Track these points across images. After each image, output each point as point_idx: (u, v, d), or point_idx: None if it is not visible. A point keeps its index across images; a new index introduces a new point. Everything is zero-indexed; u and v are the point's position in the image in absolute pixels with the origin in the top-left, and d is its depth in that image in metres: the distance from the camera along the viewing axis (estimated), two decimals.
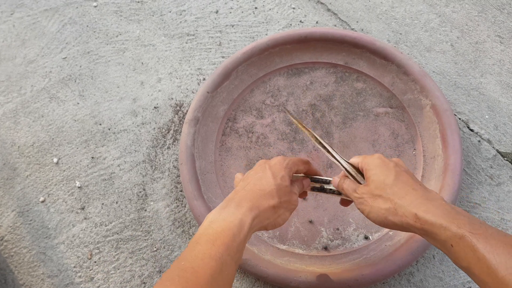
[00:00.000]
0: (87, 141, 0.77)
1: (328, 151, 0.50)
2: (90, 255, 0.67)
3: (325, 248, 0.63)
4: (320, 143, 0.51)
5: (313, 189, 0.53)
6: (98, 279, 0.65)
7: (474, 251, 0.34)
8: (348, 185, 0.48)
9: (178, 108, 0.80)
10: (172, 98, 0.81)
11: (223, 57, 0.85)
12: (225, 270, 0.37)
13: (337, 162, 0.49)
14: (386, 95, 0.75)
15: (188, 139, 0.69)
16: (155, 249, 0.67)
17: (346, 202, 0.54)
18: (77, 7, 0.94)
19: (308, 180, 0.53)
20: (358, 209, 0.46)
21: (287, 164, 0.49)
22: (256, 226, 0.43)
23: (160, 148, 0.76)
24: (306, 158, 0.52)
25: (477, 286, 0.61)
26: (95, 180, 0.73)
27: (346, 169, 0.49)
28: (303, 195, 0.55)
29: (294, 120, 0.53)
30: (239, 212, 0.42)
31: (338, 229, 0.65)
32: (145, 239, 0.68)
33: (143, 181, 0.72)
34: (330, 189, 0.53)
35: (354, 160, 0.49)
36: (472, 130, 0.74)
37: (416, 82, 0.71)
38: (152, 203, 0.71)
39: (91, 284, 0.65)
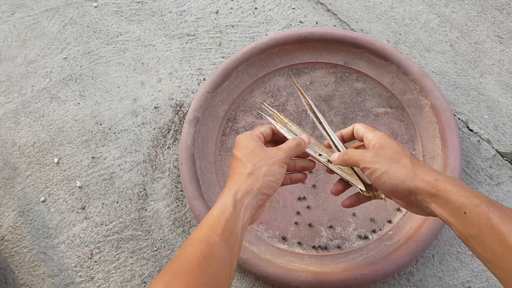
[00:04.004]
0: (88, 141, 0.77)
1: (320, 122, 0.54)
2: (91, 254, 0.67)
3: (325, 248, 0.63)
4: (314, 112, 0.55)
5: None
6: (99, 279, 0.65)
7: (488, 218, 0.35)
8: (359, 151, 0.46)
9: (178, 108, 0.80)
10: (173, 98, 0.81)
11: (223, 57, 0.85)
12: (216, 250, 0.39)
13: (326, 135, 0.53)
14: (385, 95, 0.75)
15: (188, 139, 0.69)
16: (155, 248, 0.67)
17: (340, 188, 0.53)
18: (77, 8, 0.94)
19: (310, 162, 0.53)
20: (367, 169, 0.44)
21: (244, 136, 0.49)
22: (245, 198, 0.43)
23: (161, 148, 0.76)
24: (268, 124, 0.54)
25: (477, 286, 0.61)
26: (96, 180, 0.73)
27: (334, 143, 0.52)
28: (304, 169, 0.54)
29: (296, 85, 0.57)
30: (221, 197, 0.44)
31: (337, 229, 0.65)
32: (145, 239, 0.68)
33: (143, 181, 0.73)
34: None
35: (357, 127, 0.50)
36: (471, 130, 0.74)
37: (415, 82, 0.71)
38: (152, 202, 0.71)
39: (91, 284, 0.65)
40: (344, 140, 0.54)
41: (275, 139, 0.54)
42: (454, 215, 0.38)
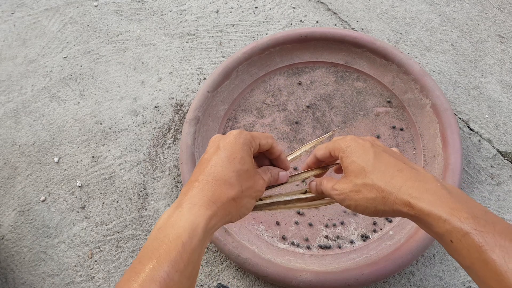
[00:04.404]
0: (88, 141, 0.77)
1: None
2: (91, 254, 0.67)
3: (326, 247, 0.63)
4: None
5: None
6: (99, 278, 0.65)
7: (480, 252, 0.29)
8: (325, 186, 0.42)
9: (178, 107, 0.80)
10: (173, 98, 0.81)
11: (223, 56, 0.85)
12: None
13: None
14: (386, 95, 0.75)
15: (188, 139, 0.69)
16: None
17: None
18: (77, 7, 0.94)
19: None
20: (344, 206, 0.41)
21: (244, 140, 0.39)
22: (216, 226, 0.35)
23: (161, 147, 0.76)
24: (269, 134, 0.43)
25: (477, 286, 0.61)
26: (96, 179, 0.73)
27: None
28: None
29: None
30: (191, 213, 0.34)
31: (338, 228, 0.65)
32: (145, 239, 0.68)
33: (143, 180, 0.73)
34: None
35: (320, 152, 0.44)
36: (472, 130, 0.74)
37: (416, 82, 0.71)
38: (152, 202, 0.71)
39: (91, 283, 0.65)
40: (312, 167, 0.47)
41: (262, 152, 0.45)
42: (441, 240, 0.33)
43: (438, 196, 0.33)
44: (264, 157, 0.46)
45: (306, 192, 0.46)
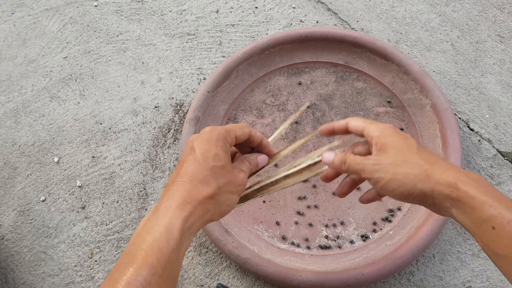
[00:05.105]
0: (88, 141, 0.77)
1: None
2: (91, 254, 0.67)
3: (326, 247, 0.63)
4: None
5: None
6: (99, 278, 0.65)
7: None
8: (354, 158, 0.40)
9: (178, 107, 0.80)
10: (173, 98, 0.81)
11: (223, 56, 0.85)
12: None
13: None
14: (386, 95, 0.75)
15: (188, 139, 0.69)
16: None
17: (345, 189, 0.45)
18: (77, 7, 0.94)
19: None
20: (370, 179, 0.38)
21: (218, 136, 0.39)
22: (194, 225, 0.35)
23: (161, 147, 0.76)
24: (245, 124, 0.42)
25: (477, 285, 0.61)
26: (96, 179, 0.73)
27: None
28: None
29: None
30: (166, 216, 0.34)
31: (338, 228, 0.65)
32: None
33: (143, 180, 0.73)
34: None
35: (355, 123, 0.42)
36: (472, 130, 0.74)
37: (416, 82, 0.71)
38: (152, 202, 0.71)
39: (91, 283, 0.65)
40: (335, 132, 0.45)
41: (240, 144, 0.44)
42: (479, 227, 0.32)
43: (482, 184, 0.33)
44: (247, 146, 0.45)
45: (291, 170, 0.45)
